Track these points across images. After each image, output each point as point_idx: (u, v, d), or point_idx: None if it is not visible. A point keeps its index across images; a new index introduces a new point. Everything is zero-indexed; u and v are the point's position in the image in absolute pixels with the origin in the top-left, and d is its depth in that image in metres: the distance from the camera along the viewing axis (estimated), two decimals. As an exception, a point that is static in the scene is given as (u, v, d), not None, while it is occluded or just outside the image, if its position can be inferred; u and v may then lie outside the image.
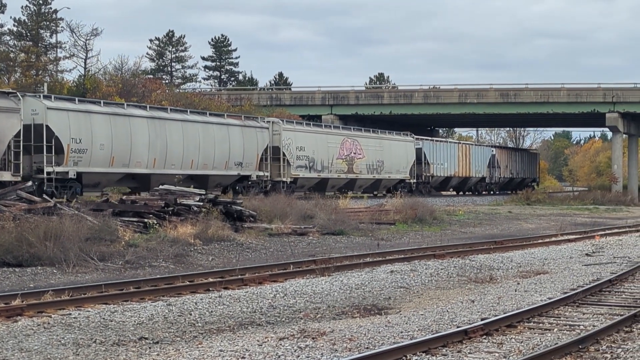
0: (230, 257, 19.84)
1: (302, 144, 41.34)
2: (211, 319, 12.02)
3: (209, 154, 35.24)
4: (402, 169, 50.64)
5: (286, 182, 39.51)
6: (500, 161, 67.92)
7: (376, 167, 48.03)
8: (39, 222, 18.00)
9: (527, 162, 76.22)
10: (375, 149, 47.98)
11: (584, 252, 22.31)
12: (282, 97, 69.66)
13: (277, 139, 39.65)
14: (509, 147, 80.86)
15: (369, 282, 15.78)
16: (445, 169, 57.62)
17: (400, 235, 27.23)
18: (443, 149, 57.92)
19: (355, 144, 46.15)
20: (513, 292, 14.63)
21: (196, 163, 34.49)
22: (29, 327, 10.95)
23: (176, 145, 33.61)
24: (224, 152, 36.00)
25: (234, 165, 36.55)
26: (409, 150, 51.65)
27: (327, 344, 10.00)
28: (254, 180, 37.38)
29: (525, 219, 37.42)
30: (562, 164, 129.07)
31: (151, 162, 32.44)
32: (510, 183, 71.37)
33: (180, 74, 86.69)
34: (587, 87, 64.85)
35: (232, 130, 36.77)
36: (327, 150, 43.38)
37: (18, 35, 62.57)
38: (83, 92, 50.36)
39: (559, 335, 10.53)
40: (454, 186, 61.23)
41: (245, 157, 37.23)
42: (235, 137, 36.71)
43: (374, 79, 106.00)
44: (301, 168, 41.23)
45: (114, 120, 31.14)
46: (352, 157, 45.59)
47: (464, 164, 60.56)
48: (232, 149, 36.46)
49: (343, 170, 44.74)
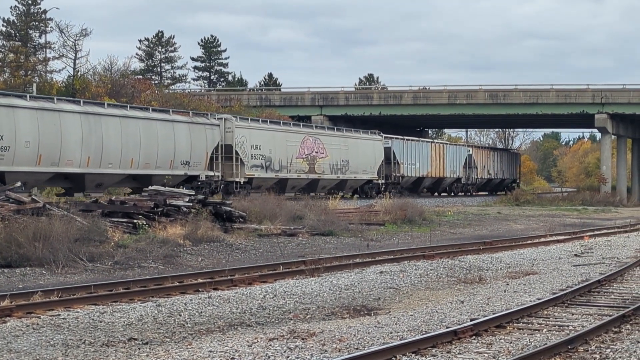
0: (219, 258, 19.82)
1: (258, 142, 39.00)
2: (201, 319, 12.01)
3: (152, 152, 32.84)
4: (370, 169, 48.35)
5: (240, 183, 37.46)
6: (477, 161, 65.69)
7: (341, 167, 45.69)
8: (28, 223, 17.95)
9: (506, 162, 74.16)
10: (339, 148, 45.69)
11: (573, 252, 22.38)
12: (271, 98, 69.65)
13: (229, 136, 37.30)
14: (486, 147, 77.26)
15: (358, 283, 15.79)
16: (417, 169, 55.46)
17: (389, 235, 27.25)
18: (415, 148, 55.59)
19: (318, 143, 43.76)
20: (502, 292, 14.67)
21: (137, 162, 32.09)
22: (17, 328, 10.91)
23: (113, 143, 31.14)
24: (168, 151, 33.63)
25: (180, 165, 34.22)
26: (376, 150, 49.34)
27: (316, 344, 10.00)
28: (203, 180, 35.29)
29: (514, 219, 37.52)
30: (551, 164, 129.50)
31: (85, 161, 30.02)
32: (488, 184, 69.64)
33: (169, 75, 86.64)
34: (576, 88, 65.07)
35: (178, 127, 34.40)
36: (285, 149, 41.05)
37: (7, 36, 62.38)
38: (72, 92, 50.22)
39: (548, 336, 10.56)
40: (427, 187, 58.85)
41: (193, 155, 34.91)
42: (181, 135, 34.41)
43: (363, 79, 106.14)
44: (257, 168, 38.95)
45: (41, 116, 28.75)
46: (313, 156, 43.17)
47: (437, 164, 58.37)
48: (178, 147, 34.15)
49: (304, 170, 42.37)
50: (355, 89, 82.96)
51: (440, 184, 59.87)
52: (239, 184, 37.27)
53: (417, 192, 54.55)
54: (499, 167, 71.39)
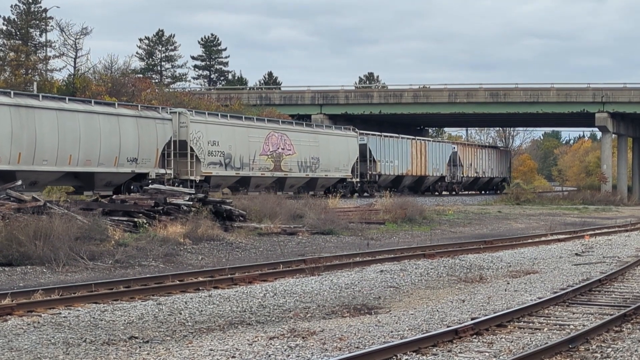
0: (220, 257, 19.82)
1: (216, 137, 36.49)
2: (201, 318, 12.01)
3: (93, 148, 30.29)
4: (343, 167, 45.69)
5: (195, 181, 35.04)
6: (463, 159, 62.74)
7: (310, 164, 42.93)
8: (29, 221, 17.96)
9: (495, 160, 70.68)
10: (308, 145, 42.94)
11: (573, 251, 22.38)
12: (271, 97, 69.65)
13: (184, 132, 34.87)
14: (473, 144, 72.91)
15: (358, 282, 15.79)
16: (395, 167, 52.85)
17: (390, 234, 27.25)
18: (393, 145, 52.93)
19: (284, 139, 41.11)
20: (503, 291, 14.66)
21: (76, 159, 29.57)
22: (18, 327, 10.91)
23: (49, 138, 28.61)
24: (112, 147, 31.05)
25: (126, 162, 31.63)
26: (350, 147, 46.64)
27: (317, 343, 10.00)
28: (153, 178, 32.75)
29: (514, 218, 37.52)
30: (551, 163, 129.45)
31: (15, 157, 27.66)
32: (475, 183, 66.84)
33: (170, 74, 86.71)
34: (577, 87, 65.07)
35: (124, 121, 31.75)
36: (247, 145, 38.44)
37: (7, 34, 62.40)
38: (73, 91, 50.23)
39: (549, 335, 10.56)
40: (408, 186, 55.12)
41: (141, 152, 32.25)
42: (128, 130, 31.79)
43: (363, 78, 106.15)
44: (214, 165, 36.42)
45: None
46: (279, 153, 40.59)
47: (418, 162, 55.72)
48: (124, 142, 31.52)
49: (268, 167, 39.76)
50: (355, 88, 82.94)
51: (422, 182, 57.10)
52: (195, 182, 34.93)
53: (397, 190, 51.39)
54: (487, 165, 68.35)
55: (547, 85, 65.75)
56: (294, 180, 42.04)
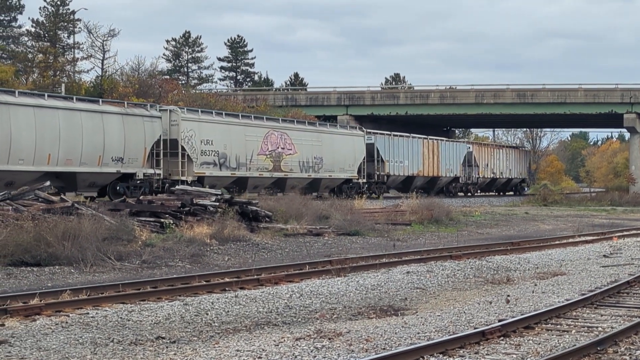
0: (246, 257, 19.86)
1: (210, 136, 34.98)
2: (228, 318, 12.03)
3: (75, 147, 28.91)
4: (348, 168, 43.89)
5: (187, 182, 33.24)
6: (478, 159, 60.81)
7: (312, 164, 41.24)
8: (57, 222, 18.09)
9: (514, 160, 68.07)
10: (311, 144, 41.25)
11: (601, 253, 22.19)
12: (297, 98, 69.74)
13: (175, 130, 33.36)
14: (490, 144, 70.50)
15: (385, 283, 15.76)
16: (405, 168, 50.99)
17: (416, 235, 27.18)
18: (403, 144, 51.11)
19: (284, 138, 39.46)
20: (530, 293, 14.57)
21: (55, 158, 28.21)
22: (47, 326, 11.00)
23: (25, 136, 27.34)
24: (96, 145, 29.65)
25: (111, 161, 30.22)
26: (357, 146, 44.83)
27: (343, 344, 9.99)
28: (141, 179, 31.40)
29: (542, 220, 37.27)
30: (579, 164, 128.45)
31: None
32: (492, 184, 64.79)
33: (196, 75, 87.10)
34: (605, 88, 64.59)
35: (108, 118, 30.30)
36: (244, 144, 36.88)
37: (36, 36, 62.98)
38: (100, 92, 50.58)
39: (577, 337, 10.48)
40: (420, 187, 52.81)
41: (128, 151, 30.79)
42: (113, 128, 30.36)
43: (389, 79, 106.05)
44: (208, 165, 34.91)
45: None
46: (279, 152, 38.99)
47: (431, 162, 53.75)
48: (109, 141, 30.10)
49: (267, 167, 38.16)
50: (381, 89, 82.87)
51: (434, 183, 54.86)
52: (186, 182, 33.19)
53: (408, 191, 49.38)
54: (505, 166, 65.91)
55: (574, 86, 65.32)
56: (295, 181, 40.02)
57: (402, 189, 51.90)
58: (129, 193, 30.28)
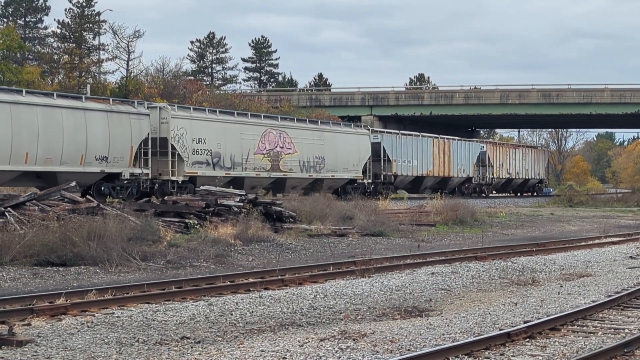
0: (270, 258, 19.89)
1: (202, 135, 33.64)
2: (252, 319, 12.05)
3: (55, 145, 27.71)
4: (352, 167, 42.42)
5: (178, 182, 32.29)
6: (492, 159, 58.87)
7: (314, 164, 39.81)
8: (83, 222, 18.20)
9: (531, 160, 65.83)
10: (312, 143, 39.78)
11: (628, 254, 22.01)
12: (321, 98, 69.81)
13: (165, 128, 32.02)
14: (505, 144, 68.17)
15: (409, 284, 15.71)
16: (414, 168, 49.23)
17: (440, 236, 27.09)
18: (411, 144, 49.35)
19: (283, 136, 38.08)
20: (556, 294, 14.47)
21: (33, 156, 27.03)
22: (72, 326, 11.06)
23: (1, 134, 26.21)
24: (78, 144, 28.44)
25: (94, 161, 29.00)
26: (362, 145, 43.29)
27: (368, 345, 9.96)
28: (127, 179, 30.29)
29: (567, 221, 37.03)
30: (605, 165, 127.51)
31: None
32: (508, 184, 63.02)
33: (220, 76, 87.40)
34: (631, 88, 64.10)
35: (91, 116, 29.09)
36: (240, 143, 35.51)
37: (62, 38, 63.46)
38: (125, 93, 50.88)
39: (603, 339, 10.39)
40: (430, 187, 51.42)
41: (112, 150, 29.53)
42: (96, 125, 29.13)
43: (414, 79, 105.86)
44: (200, 165, 33.55)
45: None
46: (277, 151, 37.63)
47: (441, 162, 51.96)
48: (92, 139, 28.87)
49: (264, 167, 36.81)
50: (405, 89, 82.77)
51: (446, 184, 52.66)
52: (177, 183, 32.29)
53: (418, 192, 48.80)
54: (521, 166, 63.83)
55: (600, 86, 64.87)
56: (295, 181, 38.69)
57: (411, 189, 50.64)
58: (115, 194, 29.63)
